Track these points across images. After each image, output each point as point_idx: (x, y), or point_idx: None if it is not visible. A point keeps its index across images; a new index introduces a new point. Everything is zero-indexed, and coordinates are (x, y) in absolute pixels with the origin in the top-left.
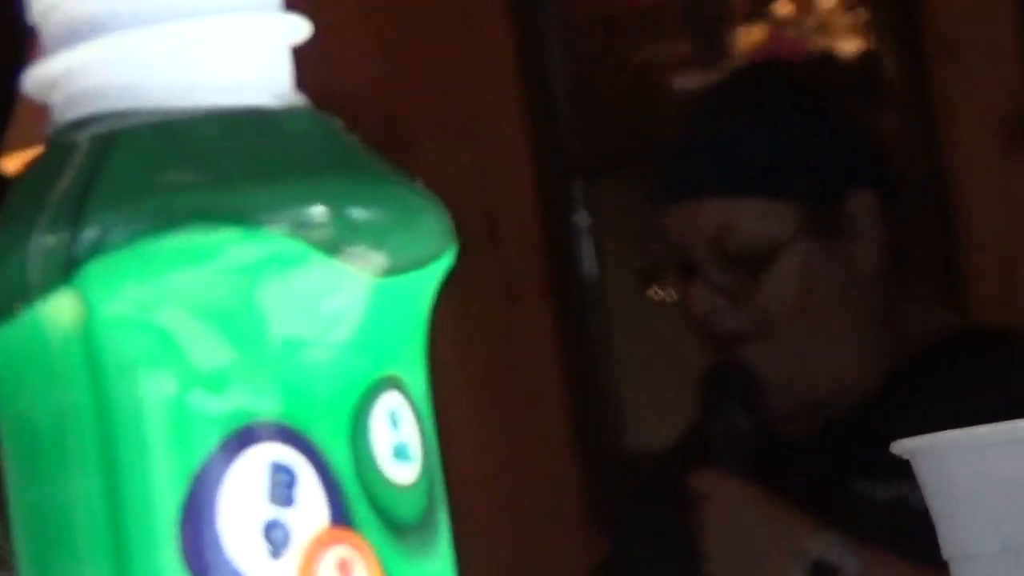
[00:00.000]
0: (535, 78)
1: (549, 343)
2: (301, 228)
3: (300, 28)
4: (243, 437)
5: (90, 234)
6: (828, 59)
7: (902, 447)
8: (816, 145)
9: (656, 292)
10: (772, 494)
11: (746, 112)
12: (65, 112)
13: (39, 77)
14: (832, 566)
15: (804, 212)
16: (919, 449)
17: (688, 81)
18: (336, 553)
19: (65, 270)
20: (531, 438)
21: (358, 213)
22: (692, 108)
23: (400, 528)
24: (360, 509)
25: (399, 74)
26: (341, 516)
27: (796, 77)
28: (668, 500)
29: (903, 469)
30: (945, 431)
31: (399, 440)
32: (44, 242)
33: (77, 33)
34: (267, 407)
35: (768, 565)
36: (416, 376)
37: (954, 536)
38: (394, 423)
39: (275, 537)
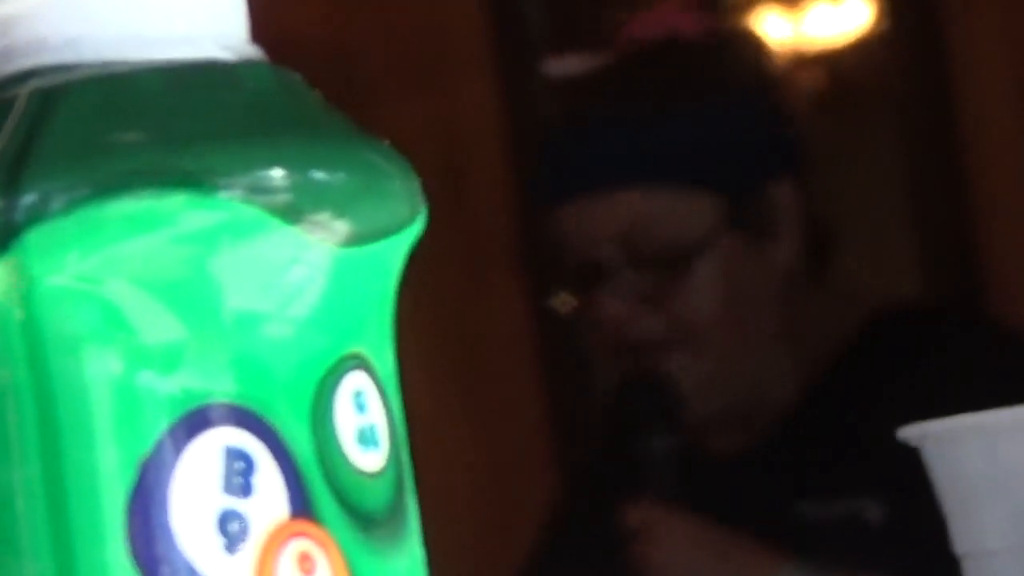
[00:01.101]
0: (507, 22)
1: (521, 314)
2: (258, 193)
3: None
4: (196, 420)
5: (29, 199)
6: (739, 36)
7: (910, 433)
8: (734, 130)
9: (562, 302)
10: (721, 526)
11: (654, 95)
12: (3, 65)
13: None
14: None
15: (724, 205)
16: (930, 435)
17: (564, 65)
18: (297, 546)
19: (2, 238)
20: (501, 426)
21: (320, 176)
22: (583, 92)
23: (366, 520)
24: (323, 499)
25: (356, 18)
26: (302, 506)
27: (705, 55)
28: (598, 534)
29: (852, 484)
30: (960, 415)
31: (365, 424)
32: None
33: None
34: (221, 388)
35: None
36: (383, 354)
37: (969, 530)
38: (359, 406)
39: (231, 529)
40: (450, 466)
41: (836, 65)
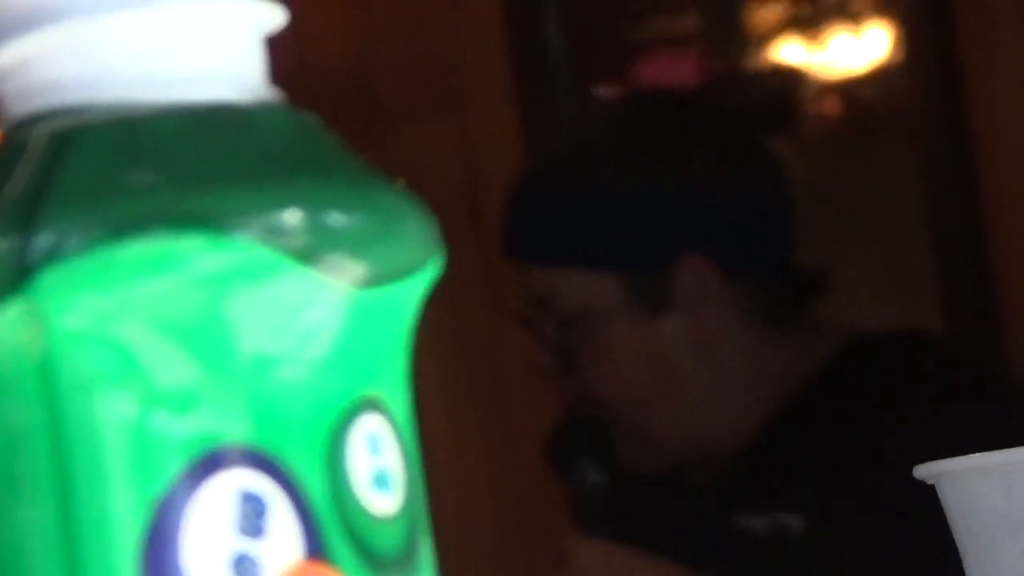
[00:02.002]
0: (526, 50)
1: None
2: (273, 235)
3: (274, 16)
4: (209, 462)
5: (44, 240)
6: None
7: (926, 471)
8: (635, 211)
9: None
10: (652, 556)
11: (562, 178)
12: (19, 106)
13: None
14: None
15: (626, 283)
16: (945, 473)
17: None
18: None
19: (17, 279)
20: (521, 451)
21: (335, 219)
22: (526, 170)
23: (379, 562)
24: (336, 541)
25: (377, 46)
26: (316, 548)
27: (623, 135)
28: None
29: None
30: (976, 453)
31: (379, 466)
32: (2, 246)
33: (33, 20)
34: (236, 430)
35: None
36: (398, 396)
37: (985, 570)
38: (374, 448)
39: (244, 571)
40: (470, 491)
41: (855, 95)
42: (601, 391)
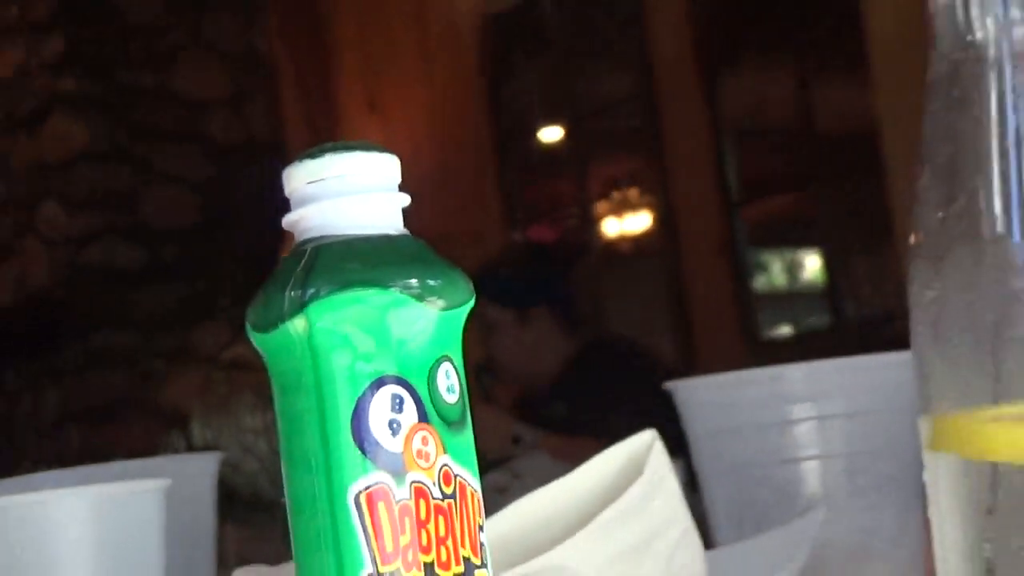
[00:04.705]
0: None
1: None
2: (407, 288)
3: (406, 200)
4: (378, 382)
5: (311, 290)
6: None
7: (672, 385)
8: (509, 290)
9: None
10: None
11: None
12: (299, 236)
13: (289, 221)
14: (521, 436)
15: (511, 313)
16: (682, 387)
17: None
18: (421, 433)
19: (300, 307)
20: None
21: (430, 282)
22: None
23: (449, 422)
24: (431, 413)
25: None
26: (423, 417)
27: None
28: None
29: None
30: (702, 376)
31: (449, 384)
32: (291, 294)
33: (303, 201)
34: (390, 369)
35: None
36: (457, 356)
37: (705, 453)
38: (447, 376)
39: (393, 428)
40: None
41: None
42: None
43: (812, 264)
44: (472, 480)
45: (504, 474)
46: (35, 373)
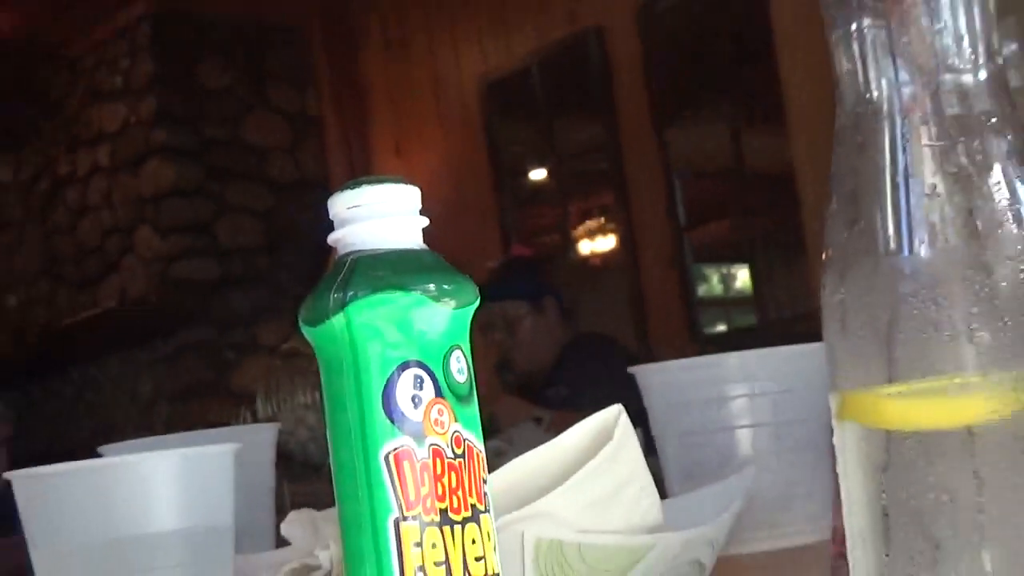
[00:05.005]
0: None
1: None
2: (426, 291)
3: (425, 222)
4: (404, 365)
5: (350, 292)
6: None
7: (635, 370)
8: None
9: None
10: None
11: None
12: (341, 250)
13: (333, 238)
14: (541, 416)
15: (525, 305)
16: (645, 371)
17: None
18: (437, 406)
19: (341, 306)
20: None
21: (445, 286)
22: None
23: (460, 397)
24: (445, 390)
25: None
26: (439, 393)
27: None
28: None
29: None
30: (663, 362)
31: (460, 367)
32: (334, 296)
33: (344, 223)
34: (413, 355)
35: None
36: (466, 345)
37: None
38: (458, 360)
39: (415, 400)
40: None
41: None
42: (514, 347)
43: (743, 276)
44: (478, 444)
45: (502, 441)
46: (134, 362)
